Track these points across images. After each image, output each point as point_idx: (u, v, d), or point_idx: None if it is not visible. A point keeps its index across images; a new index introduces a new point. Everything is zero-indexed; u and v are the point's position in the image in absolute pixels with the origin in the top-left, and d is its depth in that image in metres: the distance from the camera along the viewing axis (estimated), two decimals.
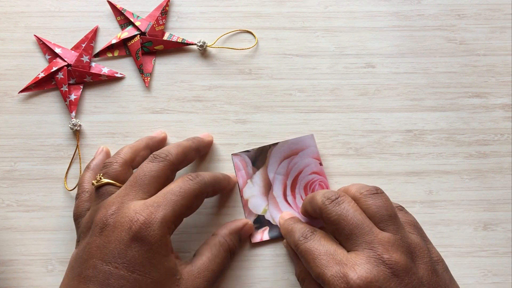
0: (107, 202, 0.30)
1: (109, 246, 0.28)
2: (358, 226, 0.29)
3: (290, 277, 0.36)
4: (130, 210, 0.29)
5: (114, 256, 0.28)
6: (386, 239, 0.28)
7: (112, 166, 0.32)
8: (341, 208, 0.30)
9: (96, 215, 0.30)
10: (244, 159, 0.37)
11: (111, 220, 0.29)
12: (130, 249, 0.28)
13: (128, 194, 0.30)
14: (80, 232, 0.31)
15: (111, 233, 0.28)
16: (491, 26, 0.40)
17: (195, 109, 0.39)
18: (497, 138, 0.38)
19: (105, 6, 0.40)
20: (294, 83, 0.39)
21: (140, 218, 0.28)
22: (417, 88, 0.39)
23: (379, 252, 0.27)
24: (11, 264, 0.36)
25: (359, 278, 0.27)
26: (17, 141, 0.38)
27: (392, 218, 0.29)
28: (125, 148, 0.34)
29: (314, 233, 0.31)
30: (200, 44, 0.39)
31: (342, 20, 0.40)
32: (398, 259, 0.27)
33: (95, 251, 0.28)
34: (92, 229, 0.29)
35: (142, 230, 0.28)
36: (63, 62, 0.39)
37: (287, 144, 0.37)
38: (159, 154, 0.32)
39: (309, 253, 0.29)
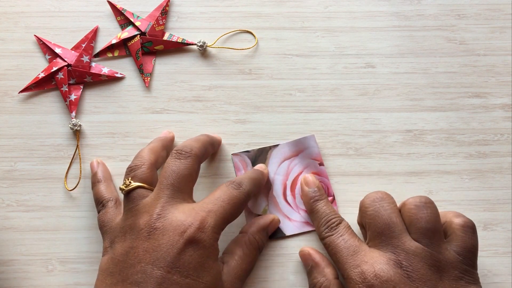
0: (146, 205, 0.30)
1: (160, 250, 0.28)
2: (390, 228, 0.30)
3: (290, 277, 0.36)
4: (179, 214, 0.29)
5: (166, 260, 0.28)
6: (413, 248, 0.29)
7: (140, 169, 0.32)
8: (380, 204, 0.31)
9: (138, 219, 0.30)
10: (244, 159, 0.37)
11: (159, 224, 0.29)
12: (184, 253, 0.28)
13: (168, 196, 0.30)
14: (113, 237, 0.31)
15: (161, 237, 0.28)
16: (491, 26, 0.40)
17: (195, 109, 0.39)
18: (497, 138, 0.38)
19: (105, 6, 0.40)
20: (294, 83, 0.39)
21: (193, 223, 0.29)
22: (417, 88, 0.39)
23: (400, 258, 0.29)
24: (11, 264, 0.36)
25: (376, 276, 0.28)
26: (17, 141, 0.38)
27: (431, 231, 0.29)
28: (145, 151, 0.34)
29: (339, 226, 0.32)
30: (200, 44, 0.39)
31: (342, 20, 0.40)
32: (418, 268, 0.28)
33: (143, 255, 0.28)
34: (135, 233, 0.29)
35: (196, 235, 0.28)
36: (63, 62, 0.39)
37: (288, 145, 0.37)
38: (183, 150, 0.32)
39: (332, 246, 0.31)
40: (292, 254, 0.36)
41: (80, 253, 0.36)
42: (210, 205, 0.30)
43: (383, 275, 0.28)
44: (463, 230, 0.30)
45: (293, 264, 0.36)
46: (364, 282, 0.28)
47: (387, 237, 0.30)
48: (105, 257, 0.30)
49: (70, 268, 0.36)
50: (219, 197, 0.31)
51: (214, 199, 0.31)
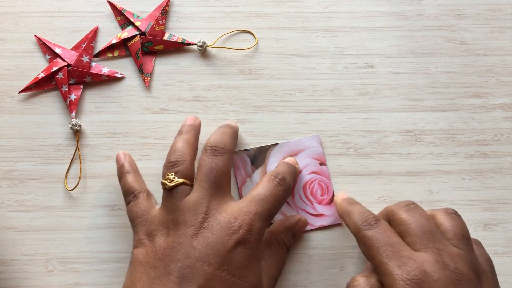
0: (192, 203, 0.30)
1: (210, 248, 0.28)
2: (430, 232, 0.29)
3: (290, 277, 0.36)
4: (227, 214, 0.30)
5: (216, 258, 0.28)
6: (457, 252, 0.28)
7: (183, 165, 0.32)
8: (414, 212, 0.30)
9: (183, 216, 0.30)
10: (243, 158, 0.37)
11: (207, 224, 0.29)
12: (233, 253, 0.28)
13: (213, 195, 0.30)
14: (150, 230, 0.31)
15: (210, 236, 0.29)
16: (491, 26, 0.40)
17: (195, 109, 0.39)
18: (497, 138, 0.38)
19: (105, 6, 0.40)
20: (294, 83, 0.39)
21: (242, 226, 0.29)
22: (417, 88, 0.39)
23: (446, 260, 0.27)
24: (11, 264, 0.36)
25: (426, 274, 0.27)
26: (17, 141, 0.38)
27: (466, 239, 0.30)
28: (181, 143, 0.33)
29: (379, 222, 0.30)
30: (200, 44, 0.39)
31: (342, 20, 0.40)
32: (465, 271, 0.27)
33: (192, 251, 0.28)
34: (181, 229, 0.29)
35: (245, 236, 0.29)
36: (63, 62, 0.39)
37: (288, 145, 0.37)
38: (218, 146, 0.32)
39: (373, 241, 0.29)
40: (292, 254, 0.36)
41: (80, 253, 0.36)
42: (257, 207, 0.30)
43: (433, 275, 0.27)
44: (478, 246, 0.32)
45: (293, 264, 0.36)
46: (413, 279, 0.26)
47: (429, 240, 0.29)
48: (142, 249, 0.30)
49: (70, 268, 0.36)
50: (264, 196, 0.31)
51: (259, 198, 0.31)
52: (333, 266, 0.36)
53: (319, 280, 0.36)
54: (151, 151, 0.38)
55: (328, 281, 0.36)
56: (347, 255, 0.36)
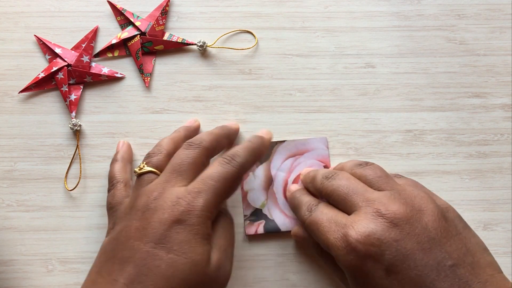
0: (148, 188, 0.31)
1: (149, 227, 0.28)
2: (353, 189, 0.30)
3: (290, 277, 0.36)
4: (172, 195, 0.29)
5: (153, 237, 0.28)
6: (382, 194, 0.29)
7: (156, 156, 0.33)
8: (336, 180, 0.31)
9: (137, 201, 0.30)
10: None
11: (152, 205, 0.29)
12: (171, 230, 0.28)
13: (169, 181, 0.31)
14: (116, 219, 0.31)
15: (151, 215, 0.29)
16: (491, 26, 0.40)
17: (195, 109, 0.39)
18: (497, 138, 0.38)
19: (105, 6, 0.40)
20: (294, 83, 0.39)
21: (182, 203, 0.29)
22: (417, 88, 0.39)
23: (376, 206, 0.28)
24: (11, 264, 0.36)
25: (357, 234, 0.28)
26: (17, 141, 0.38)
27: (384, 177, 0.31)
28: (165, 140, 0.34)
29: (318, 205, 0.32)
30: (200, 44, 0.39)
31: (342, 20, 0.40)
32: (396, 210, 0.28)
33: (133, 233, 0.29)
34: (132, 214, 0.30)
35: (184, 214, 0.29)
36: (63, 62, 0.39)
37: (294, 143, 0.37)
38: (193, 141, 0.32)
39: (314, 224, 0.31)
40: (292, 254, 0.36)
41: (80, 253, 0.36)
42: (201, 185, 0.30)
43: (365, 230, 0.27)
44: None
45: (293, 264, 0.36)
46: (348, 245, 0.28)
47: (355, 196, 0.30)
48: (106, 238, 0.31)
49: (70, 268, 0.36)
50: (209, 175, 0.31)
51: (205, 177, 0.30)
52: None
53: (319, 280, 0.36)
54: None
55: (328, 281, 0.36)
56: None
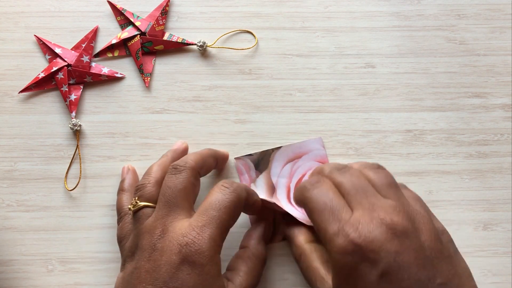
0: (148, 226, 0.30)
1: (159, 270, 0.28)
2: (363, 189, 0.29)
3: (290, 277, 0.36)
4: (176, 234, 0.29)
5: (165, 280, 0.28)
6: (388, 204, 0.28)
7: (146, 188, 0.32)
8: (347, 174, 0.30)
9: (141, 240, 0.30)
10: (247, 163, 0.37)
11: (159, 245, 0.29)
12: (181, 272, 0.28)
13: (167, 215, 0.30)
14: (125, 256, 0.31)
15: (159, 257, 0.28)
16: (491, 26, 0.40)
17: (195, 109, 0.39)
18: (497, 138, 0.38)
19: (105, 6, 0.40)
20: (294, 83, 0.39)
21: (188, 241, 0.28)
22: (417, 88, 0.39)
23: (381, 214, 0.28)
24: (11, 264, 0.36)
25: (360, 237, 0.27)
26: (17, 141, 0.38)
27: (393, 186, 0.30)
28: (154, 167, 0.34)
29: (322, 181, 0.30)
30: (200, 44, 0.39)
31: (342, 20, 0.40)
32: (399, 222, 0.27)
33: (144, 276, 0.28)
34: (139, 254, 0.29)
35: (192, 253, 0.28)
36: (63, 62, 0.39)
37: (291, 148, 0.37)
38: (178, 164, 0.32)
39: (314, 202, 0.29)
40: (291, 254, 0.36)
41: (80, 253, 0.36)
42: (204, 217, 0.29)
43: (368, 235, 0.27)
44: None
45: (293, 264, 0.36)
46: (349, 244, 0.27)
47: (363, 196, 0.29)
48: (119, 275, 0.31)
49: (70, 268, 0.36)
50: (210, 205, 0.30)
51: (206, 208, 0.30)
52: None
53: None
54: (151, 151, 0.38)
55: None
56: None
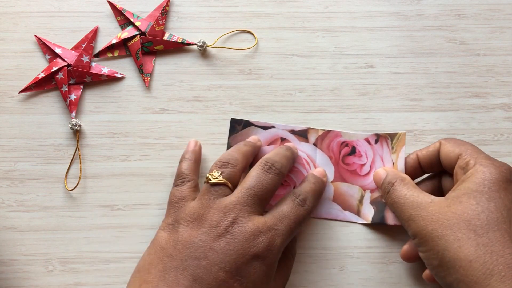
0: (223, 205, 0.30)
1: (229, 255, 0.28)
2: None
3: (290, 277, 0.36)
4: (253, 227, 0.30)
5: (232, 267, 0.28)
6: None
7: (232, 169, 0.33)
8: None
9: (210, 214, 0.30)
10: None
11: (232, 229, 0.29)
12: (249, 265, 0.29)
13: (247, 204, 0.31)
14: (179, 217, 0.31)
15: (232, 242, 0.29)
16: (491, 26, 0.40)
17: (195, 109, 0.39)
18: (497, 138, 0.38)
19: (105, 6, 0.40)
20: (294, 83, 0.39)
21: (264, 239, 0.29)
22: (417, 88, 0.39)
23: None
24: (11, 264, 0.36)
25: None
26: (17, 141, 0.38)
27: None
28: (239, 153, 0.34)
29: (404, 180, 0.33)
30: (200, 44, 0.39)
31: (342, 20, 0.40)
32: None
33: (211, 254, 0.28)
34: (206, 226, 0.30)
35: (265, 251, 0.29)
36: (63, 62, 0.39)
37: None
38: (274, 165, 0.32)
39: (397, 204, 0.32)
40: None
41: (80, 253, 0.36)
42: (279, 223, 0.30)
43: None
44: None
45: (293, 264, 0.36)
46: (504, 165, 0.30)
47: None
48: (165, 234, 0.31)
49: (70, 268, 0.36)
50: (287, 215, 0.31)
51: (283, 216, 0.31)
52: (333, 266, 0.36)
53: (318, 280, 0.36)
54: (151, 151, 0.38)
55: (328, 281, 0.36)
56: (347, 255, 0.36)
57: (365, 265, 0.36)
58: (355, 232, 0.37)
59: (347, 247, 0.36)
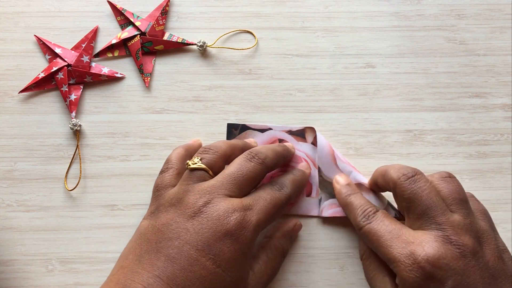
0: (201, 188, 0.30)
1: (201, 233, 0.28)
2: (432, 207, 0.29)
3: (290, 277, 0.36)
4: (227, 205, 0.29)
5: (204, 244, 0.28)
6: (457, 222, 0.29)
7: (212, 155, 0.32)
8: (417, 186, 0.30)
9: (187, 197, 0.30)
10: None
11: (206, 209, 0.29)
12: (222, 243, 0.28)
13: (224, 187, 0.30)
14: (159, 204, 0.31)
15: (204, 222, 0.29)
16: (491, 26, 0.40)
17: (195, 109, 0.39)
18: (497, 138, 0.38)
19: (105, 6, 0.40)
20: (294, 83, 0.39)
21: (237, 217, 0.29)
22: (417, 88, 0.39)
23: (448, 233, 0.28)
24: (11, 264, 0.36)
25: (427, 255, 0.27)
26: (17, 141, 0.38)
27: (464, 202, 0.30)
28: (224, 143, 0.34)
29: (377, 214, 0.31)
30: (200, 44, 0.39)
31: (342, 20, 0.40)
32: (466, 242, 0.28)
33: (184, 234, 0.28)
34: (181, 209, 0.30)
35: (237, 228, 0.29)
36: (63, 62, 0.39)
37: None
38: (258, 155, 0.32)
39: (373, 234, 0.30)
40: (292, 254, 0.36)
41: (80, 253, 0.36)
42: (255, 203, 0.30)
43: (435, 253, 0.27)
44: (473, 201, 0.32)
45: (293, 264, 0.36)
46: (415, 263, 0.28)
47: (430, 216, 0.29)
48: (146, 222, 0.31)
49: (70, 268, 0.36)
50: (264, 197, 0.31)
51: (259, 197, 0.31)
52: (333, 266, 0.36)
53: (319, 280, 0.36)
54: (151, 151, 0.38)
55: (328, 281, 0.36)
56: (347, 255, 0.36)
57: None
58: (356, 232, 0.37)
59: (347, 247, 0.36)
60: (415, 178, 0.30)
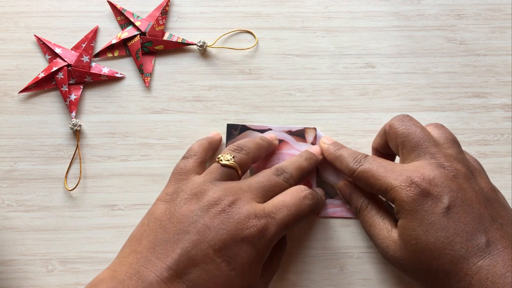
0: (228, 186, 0.31)
1: (221, 234, 0.28)
2: (425, 140, 0.31)
3: (290, 277, 0.36)
4: (250, 210, 0.29)
5: (221, 246, 0.28)
6: (449, 153, 0.30)
7: (245, 155, 0.33)
8: (410, 123, 0.32)
9: (212, 192, 0.30)
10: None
11: (229, 209, 0.29)
12: (239, 247, 0.28)
13: (251, 192, 0.31)
14: (179, 189, 0.31)
15: (226, 222, 0.29)
16: (491, 26, 0.40)
17: (195, 109, 0.39)
18: (497, 138, 0.38)
19: (105, 6, 0.40)
20: (294, 83, 0.39)
21: (257, 224, 0.29)
22: (417, 88, 0.39)
23: (440, 160, 0.29)
24: (11, 264, 0.36)
25: (423, 175, 0.29)
26: (17, 141, 0.38)
27: (456, 143, 0.32)
28: (253, 144, 0.34)
29: (367, 157, 0.32)
30: (200, 44, 0.39)
31: (342, 20, 0.40)
32: (459, 168, 0.29)
33: (203, 230, 0.28)
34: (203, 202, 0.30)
35: (256, 236, 0.29)
36: (63, 62, 0.39)
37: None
38: (284, 174, 0.33)
39: (367, 172, 0.31)
40: (292, 254, 0.36)
41: (80, 253, 0.36)
42: (278, 213, 0.30)
43: (429, 174, 0.28)
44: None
45: (293, 264, 0.36)
46: (412, 183, 0.28)
47: (423, 148, 0.30)
48: (162, 205, 0.30)
49: (70, 268, 0.36)
50: (287, 205, 0.31)
51: (283, 205, 0.31)
52: (333, 266, 0.36)
53: (319, 280, 0.36)
54: (151, 151, 0.38)
55: (328, 281, 0.36)
56: (347, 255, 0.36)
57: (365, 265, 0.36)
58: (356, 232, 0.37)
59: (347, 247, 0.36)
60: (408, 118, 0.32)
